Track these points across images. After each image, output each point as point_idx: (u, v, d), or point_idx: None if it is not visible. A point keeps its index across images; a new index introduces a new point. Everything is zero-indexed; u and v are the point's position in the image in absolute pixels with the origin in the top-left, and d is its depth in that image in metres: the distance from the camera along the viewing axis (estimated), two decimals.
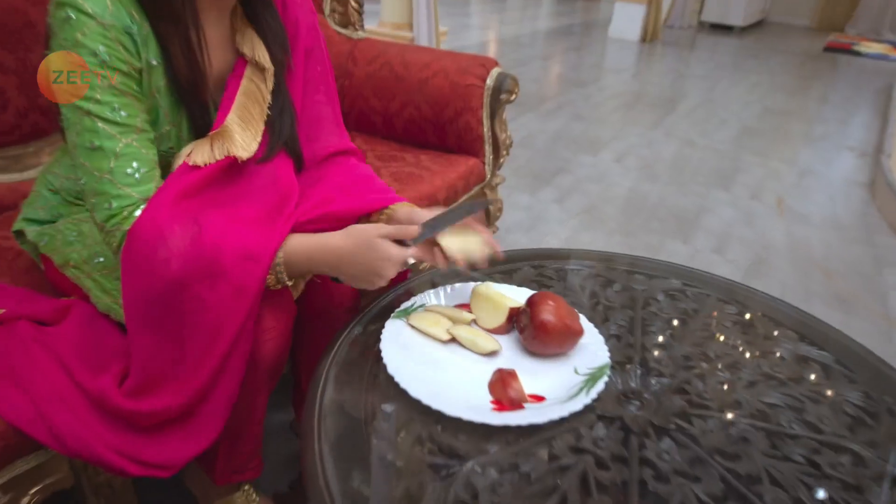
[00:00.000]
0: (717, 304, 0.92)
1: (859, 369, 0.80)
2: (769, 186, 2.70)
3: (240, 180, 0.84)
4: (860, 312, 1.83)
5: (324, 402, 0.68)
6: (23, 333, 0.82)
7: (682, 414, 0.70)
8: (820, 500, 0.60)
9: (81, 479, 0.86)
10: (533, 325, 0.75)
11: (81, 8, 0.70)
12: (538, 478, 0.61)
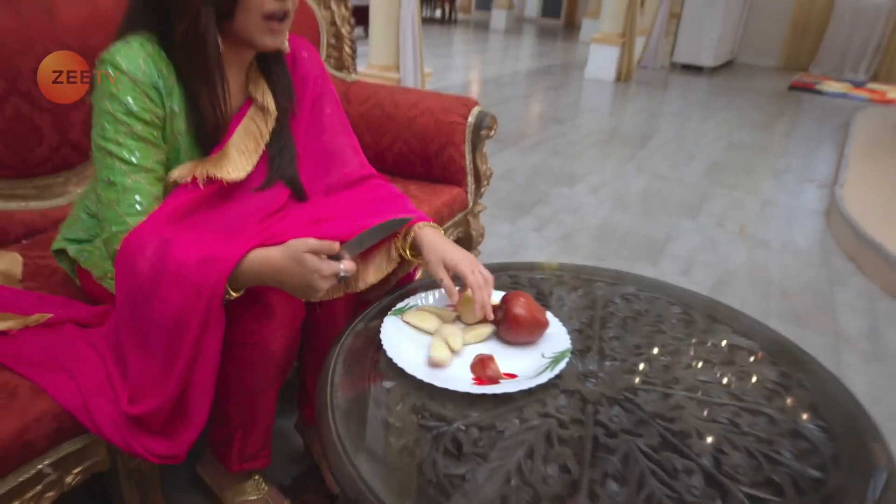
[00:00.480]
0: (664, 305, 1.07)
1: (779, 354, 0.95)
2: (733, 215, 2.90)
3: (234, 206, 0.98)
4: (813, 327, 2.00)
5: (334, 379, 0.82)
6: (69, 334, 0.96)
7: (630, 388, 0.85)
8: (736, 448, 0.75)
9: (117, 462, 0.98)
10: (507, 318, 0.90)
11: (118, 65, 0.86)
12: (511, 435, 0.75)
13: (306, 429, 1.26)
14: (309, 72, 1.10)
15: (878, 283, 2.32)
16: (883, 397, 1.68)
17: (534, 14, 12.43)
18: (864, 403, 1.54)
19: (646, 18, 7.24)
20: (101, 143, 0.87)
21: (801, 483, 0.71)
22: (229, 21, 0.90)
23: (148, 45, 0.89)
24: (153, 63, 0.89)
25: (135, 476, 1.02)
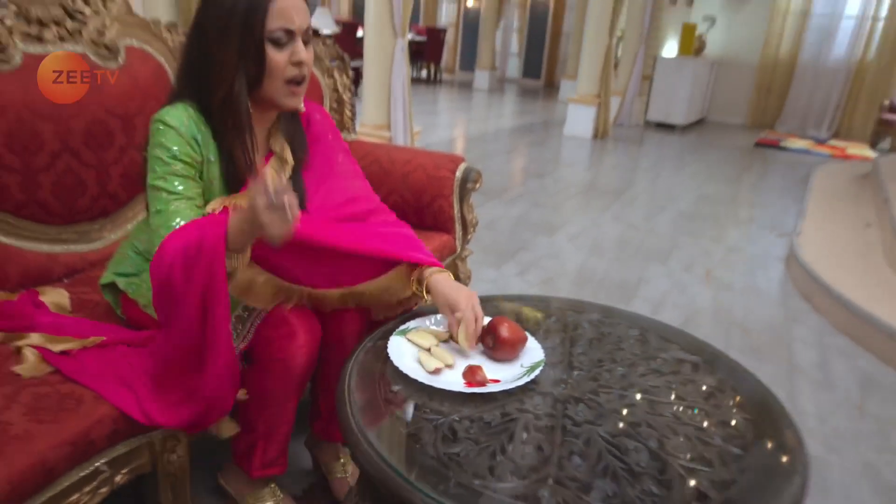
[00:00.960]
0: (624, 328, 1.27)
1: (719, 366, 1.15)
2: (700, 261, 3.13)
3: None
4: (770, 359, 2.20)
5: (351, 384, 1.00)
6: (121, 352, 1.13)
7: (593, 391, 1.03)
8: (677, 434, 0.93)
9: (157, 465, 1.14)
10: (497, 341, 1.09)
11: (166, 122, 1.08)
12: (495, 425, 0.93)
13: (316, 443, 1.42)
14: (321, 131, 1.32)
15: (829, 321, 2.53)
16: (829, 419, 1.86)
17: (515, 75, 13.01)
18: (813, 424, 1.75)
19: (620, 80, 7.68)
20: (153, 182, 1.07)
21: (726, 458, 0.89)
22: (257, 87, 1.12)
23: (190, 109, 1.11)
24: (193, 122, 1.10)
25: (169, 479, 1.17)
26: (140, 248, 1.27)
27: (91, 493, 1.04)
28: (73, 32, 1.48)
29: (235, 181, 1.15)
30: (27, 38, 1.40)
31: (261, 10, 1.07)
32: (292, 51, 1.11)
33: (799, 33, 8.41)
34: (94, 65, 1.49)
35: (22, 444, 0.93)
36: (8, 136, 1.33)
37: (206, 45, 1.10)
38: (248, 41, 1.08)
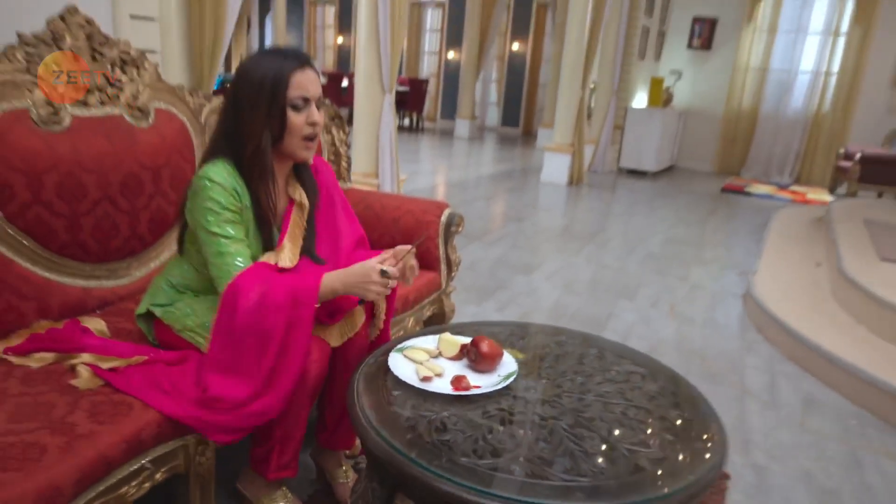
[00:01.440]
0: (585, 347, 1.50)
1: (661, 376, 1.38)
2: (664, 297, 3.40)
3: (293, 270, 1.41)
4: (724, 383, 2.44)
5: (359, 389, 1.21)
6: (160, 369, 1.33)
7: (557, 395, 1.26)
8: (623, 426, 1.16)
9: (190, 466, 1.33)
10: (479, 355, 1.31)
11: (211, 178, 1.31)
12: (477, 420, 1.15)
13: (321, 453, 1.61)
14: (325, 181, 1.58)
15: (779, 350, 2.79)
16: (773, 434, 2.09)
17: (495, 123, 13.51)
18: (759, 438, 1.97)
19: (593, 129, 8.10)
20: (209, 229, 1.30)
21: (662, 442, 1.12)
22: (279, 143, 1.37)
23: (227, 165, 1.35)
24: (232, 176, 1.34)
25: (199, 479, 1.36)
26: (174, 282, 1.49)
27: (137, 487, 1.23)
28: (112, 97, 1.72)
29: (263, 222, 1.39)
30: (77, 104, 1.63)
31: (284, 82, 1.33)
32: (308, 114, 1.37)
33: (759, 87, 8.96)
34: (127, 123, 1.73)
35: (88, 442, 1.13)
36: (59, 186, 1.55)
37: (239, 111, 1.35)
38: (273, 107, 1.34)
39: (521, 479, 1.00)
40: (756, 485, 1.81)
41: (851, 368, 2.43)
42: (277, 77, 1.34)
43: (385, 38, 3.56)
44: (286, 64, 1.35)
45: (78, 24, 1.66)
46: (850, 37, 8.23)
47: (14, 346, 1.39)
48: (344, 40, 14.53)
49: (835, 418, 2.24)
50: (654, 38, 8.94)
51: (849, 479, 1.87)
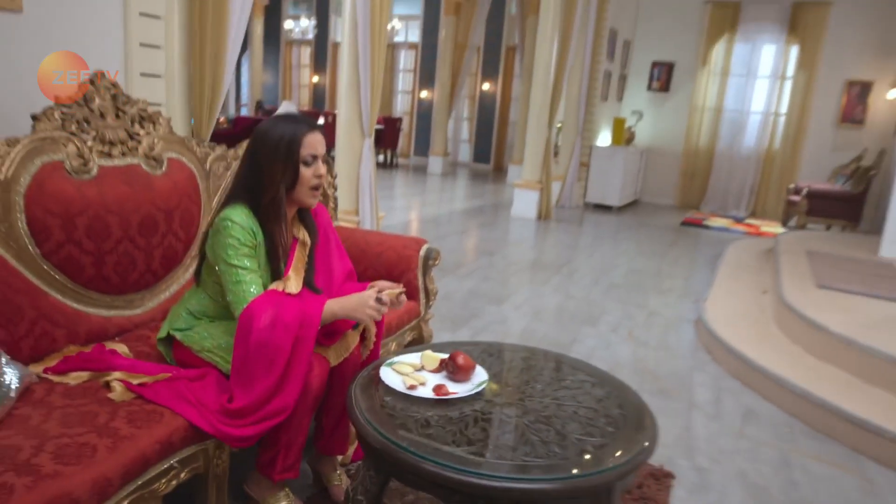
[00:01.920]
0: (545, 361, 1.77)
1: (609, 384, 1.65)
2: (624, 324, 3.69)
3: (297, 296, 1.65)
4: (674, 399, 2.72)
5: (357, 394, 1.46)
6: (184, 384, 1.56)
7: (521, 399, 1.52)
8: (575, 422, 1.42)
9: (209, 467, 1.55)
10: (456, 367, 1.57)
11: (233, 220, 1.57)
12: (455, 419, 1.40)
13: (318, 459, 1.83)
14: (322, 222, 1.84)
15: (724, 369, 3.09)
16: (715, 440, 2.37)
17: (466, 159, 13.93)
18: (703, 444, 2.24)
19: (560, 166, 8.51)
20: (228, 261, 1.54)
21: (605, 433, 1.38)
22: (290, 192, 1.63)
23: (245, 209, 1.60)
24: (249, 218, 1.59)
25: (216, 480, 1.58)
26: (192, 309, 1.72)
27: (166, 483, 1.44)
28: (131, 149, 1.97)
29: (273, 256, 1.64)
30: (101, 154, 1.88)
31: (297, 143, 1.61)
32: (315, 168, 1.64)
33: (714, 126, 9.52)
34: (144, 171, 1.98)
35: (130, 443, 1.35)
36: (88, 227, 1.78)
37: (258, 165, 1.62)
38: (288, 163, 1.60)
39: (491, 460, 1.25)
40: (698, 483, 2.08)
41: (786, 383, 2.73)
42: (293, 138, 1.61)
43: (365, 87, 3.86)
44: (299, 127, 1.63)
45: (105, 87, 1.91)
46: (796, 80, 8.85)
47: (52, 367, 1.61)
48: (319, 79, 14.90)
49: (770, 426, 2.53)
50: (616, 80, 9.46)
51: (777, 478, 2.15)
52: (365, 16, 3.72)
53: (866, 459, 2.31)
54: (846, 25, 8.39)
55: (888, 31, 8.04)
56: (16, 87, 2.07)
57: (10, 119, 2.04)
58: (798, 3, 8.64)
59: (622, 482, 1.28)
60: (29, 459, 1.23)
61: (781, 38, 8.86)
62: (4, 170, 1.63)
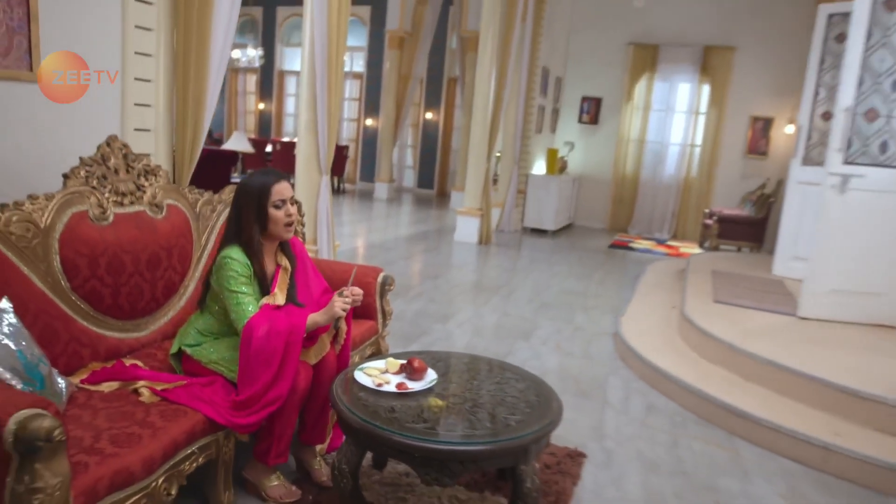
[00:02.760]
0: (483, 364, 2.27)
1: (529, 380, 2.16)
2: (553, 338, 4.24)
3: (282, 309, 2.09)
4: (591, 398, 3.26)
5: (339, 392, 1.91)
6: (197, 388, 1.97)
7: (463, 392, 2.00)
8: (502, 407, 1.91)
9: (219, 453, 1.96)
10: (412, 369, 2.04)
11: (232, 257, 2.01)
12: (413, 406, 1.87)
13: (301, 448, 2.26)
14: (298, 252, 2.29)
15: (635, 373, 3.67)
16: (622, 430, 2.91)
17: (411, 185, 14.47)
18: (611, 433, 2.78)
19: (499, 194, 9.13)
20: (230, 288, 1.98)
21: (524, 413, 1.88)
22: (267, 230, 2.09)
23: (238, 247, 2.05)
24: (242, 254, 2.04)
25: (224, 465, 1.99)
26: (199, 328, 2.14)
27: (189, 464, 1.85)
28: (138, 198, 2.37)
29: (262, 281, 2.08)
30: (116, 204, 2.27)
31: (267, 192, 2.07)
32: (285, 209, 2.10)
33: (639, 155, 10.38)
34: (149, 216, 2.38)
35: (164, 432, 1.76)
36: (108, 264, 2.18)
37: (239, 213, 2.07)
38: (261, 208, 2.06)
39: (441, 433, 1.73)
40: (605, 460, 2.61)
41: (681, 383, 3.31)
42: (263, 188, 2.07)
43: (322, 128, 4.32)
44: (268, 179, 2.10)
45: (118, 148, 2.32)
46: (708, 116, 9.80)
47: (85, 378, 1.99)
48: (265, 106, 15.19)
49: (666, 417, 3.10)
50: (549, 114, 10.21)
51: (668, 455, 2.70)
52: (322, 61, 4.18)
53: (738, 439, 2.90)
54: (749, 68, 9.41)
55: (784, 73, 9.07)
56: (35, 147, 2.45)
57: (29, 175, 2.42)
58: (708, 48, 9.61)
59: (535, 445, 1.78)
60: (92, 445, 1.63)
61: (695, 77, 9.81)
62: (44, 219, 2.02)
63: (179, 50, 3.00)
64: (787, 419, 2.86)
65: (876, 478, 2.56)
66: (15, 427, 1.33)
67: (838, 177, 3.99)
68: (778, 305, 4.42)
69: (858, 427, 2.82)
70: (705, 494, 2.42)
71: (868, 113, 3.99)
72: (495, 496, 2.18)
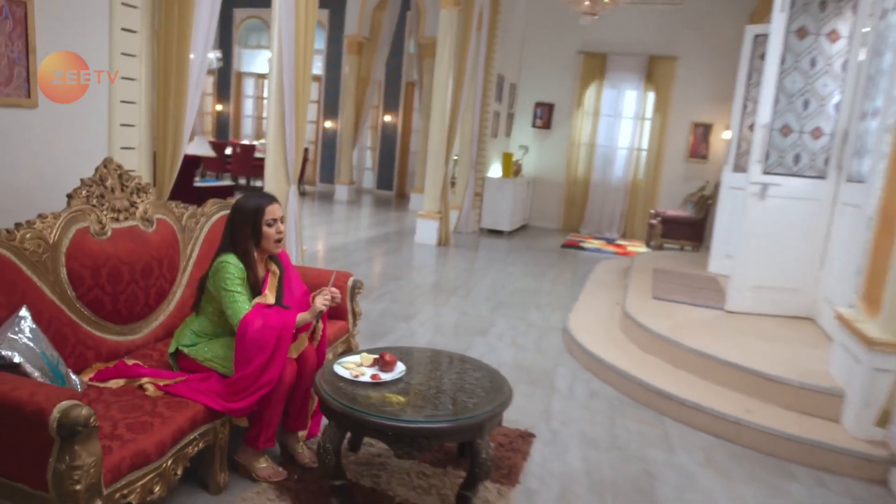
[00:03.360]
0: (444, 358, 2.61)
1: (484, 370, 2.51)
2: (507, 334, 4.62)
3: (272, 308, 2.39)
4: (541, 387, 3.64)
5: (323, 381, 2.23)
6: (196, 383, 2.25)
7: (428, 380, 2.34)
8: (462, 393, 2.26)
9: (216, 439, 2.24)
10: (384, 362, 2.37)
11: (228, 261, 2.32)
12: (386, 392, 2.20)
13: (285, 434, 2.55)
14: (285, 261, 2.59)
15: (580, 364, 4.07)
16: (568, 413, 3.30)
17: (371, 186, 14.72)
18: (558, 415, 3.17)
19: (457, 196, 9.49)
20: (227, 288, 2.27)
21: (479, 397, 2.23)
22: (258, 244, 2.38)
23: (233, 255, 2.34)
24: (237, 261, 2.33)
25: (220, 449, 2.28)
26: (195, 330, 2.42)
27: (192, 448, 2.14)
28: (132, 214, 2.63)
29: (255, 284, 2.38)
30: (113, 220, 2.53)
31: (261, 212, 2.36)
32: (276, 227, 2.40)
33: (589, 159, 10.90)
34: (141, 230, 2.64)
35: (172, 420, 2.04)
36: (108, 275, 2.43)
37: (235, 228, 2.36)
38: (256, 227, 2.36)
39: (410, 414, 2.06)
40: (551, 439, 2.98)
41: (620, 371, 3.72)
42: (258, 209, 2.37)
43: (290, 142, 4.59)
44: (263, 201, 2.39)
45: (114, 169, 2.57)
46: (654, 121, 10.38)
47: (93, 377, 2.25)
48: (223, 108, 15.19)
49: (606, 401, 3.50)
50: (504, 119, 10.63)
51: (605, 433, 3.10)
52: (290, 77, 4.44)
53: (666, 418, 3.32)
54: (690, 76, 10.02)
55: (721, 82, 9.68)
56: (33, 167, 2.68)
57: (29, 192, 2.65)
58: (653, 57, 10.18)
59: (489, 423, 2.13)
60: (112, 432, 1.91)
61: (641, 85, 10.37)
62: (52, 235, 2.27)
63: (160, 77, 3.25)
64: (707, 399, 3.30)
65: (778, 447, 3.01)
66: (58, 415, 1.60)
67: (758, 185, 4.47)
68: (709, 301, 4.90)
69: (766, 405, 3.28)
70: (635, 464, 2.82)
71: (783, 129, 4.49)
72: (456, 470, 2.53)
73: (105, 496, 1.74)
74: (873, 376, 2.90)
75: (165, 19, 3.19)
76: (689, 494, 2.61)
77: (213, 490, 2.30)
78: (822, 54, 4.38)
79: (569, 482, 2.62)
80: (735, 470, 2.85)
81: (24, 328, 1.99)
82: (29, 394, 1.65)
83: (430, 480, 2.44)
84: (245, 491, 2.34)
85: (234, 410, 2.22)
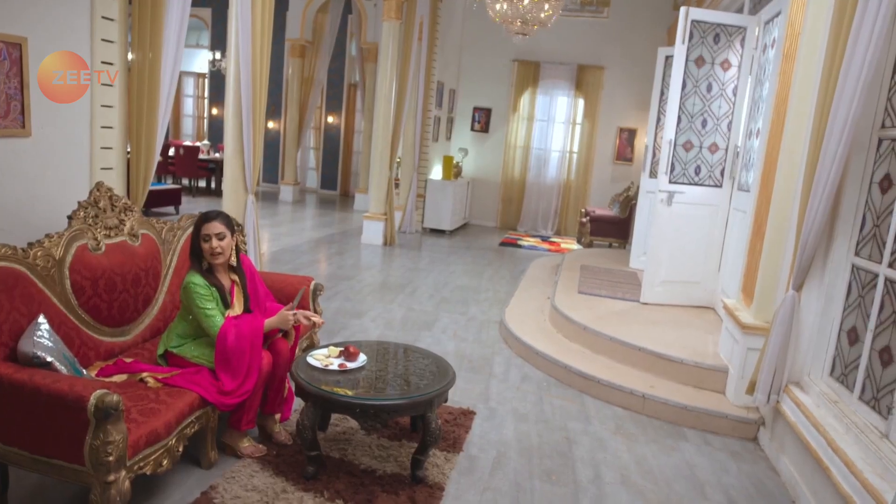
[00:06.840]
0: (398, 349, 3.10)
1: (431, 357, 3.01)
2: (450, 327, 5.14)
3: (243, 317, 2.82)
4: (479, 373, 4.18)
5: (298, 369, 2.68)
6: (189, 375, 2.66)
7: (383, 367, 2.83)
8: (413, 376, 2.76)
9: (208, 423, 2.66)
10: (349, 353, 2.84)
11: (195, 282, 2.75)
12: (351, 378, 2.68)
13: (263, 418, 2.98)
14: (248, 269, 3.02)
15: (514, 352, 4.64)
16: (503, 394, 3.85)
17: (314, 185, 14.98)
18: (495, 395, 3.73)
19: (401, 198, 9.95)
20: (199, 305, 2.69)
21: (428, 379, 2.74)
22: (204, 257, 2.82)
23: (198, 273, 2.76)
24: (202, 278, 2.75)
25: (210, 433, 2.70)
26: (179, 333, 2.82)
27: (190, 429, 2.55)
28: (121, 231, 3.00)
29: (222, 297, 2.80)
30: (106, 236, 2.90)
31: (198, 230, 2.80)
32: (210, 244, 2.82)
33: (525, 160, 11.56)
34: (129, 244, 3.01)
35: (173, 406, 2.46)
36: (105, 285, 2.80)
37: (192, 245, 2.78)
38: (196, 243, 2.78)
39: (372, 394, 2.55)
40: (489, 415, 3.52)
41: (547, 357, 4.31)
42: (197, 226, 2.81)
43: (248, 153, 4.95)
44: (201, 219, 2.82)
45: (105, 191, 2.93)
46: (583, 126, 11.13)
47: (98, 373, 2.63)
48: None
49: (535, 383, 4.07)
50: (444, 123, 11.15)
51: (534, 409, 3.67)
52: (248, 90, 4.81)
53: (586, 395, 3.92)
54: (616, 85, 10.80)
55: (643, 91, 10.47)
56: (28, 191, 3.00)
57: (27, 215, 2.98)
58: (582, 66, 10.91)
59: (438, 399, 2.64)
60: (128, 416, 2.31)
61: (571, 92, 11.09)
62: (58, 252, 2.63)
63: (133, 106, 3.59)
64: (619, 378, 3.92)
65: (676, 415, 3.65)
66: (95, 401, 2.01)
67: (666, 193, 5.15)
68: (626, 294, 5.57)
69: (666, 381, 3.93)
70: (558, 433, 3.39)
71: (686, 144, 5.18)
72: (410, 443, 3.02)
73: (128, 467, 2.15)
74: (747, 354, 3.57)
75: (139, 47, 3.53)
76: (600, 455, 3.20)
77: (206, 465, 2.72)
78: (717, 80, 5.09)
79: (503, 448, 3.16)
80: (639, 435, 3.46)
81: (44, 333, 2.36)
82: (69, 385, 2.04)
83: (388, 451, 2.93)
84: (232, 465, 2.76)
85: (223, 405, 2.64)
